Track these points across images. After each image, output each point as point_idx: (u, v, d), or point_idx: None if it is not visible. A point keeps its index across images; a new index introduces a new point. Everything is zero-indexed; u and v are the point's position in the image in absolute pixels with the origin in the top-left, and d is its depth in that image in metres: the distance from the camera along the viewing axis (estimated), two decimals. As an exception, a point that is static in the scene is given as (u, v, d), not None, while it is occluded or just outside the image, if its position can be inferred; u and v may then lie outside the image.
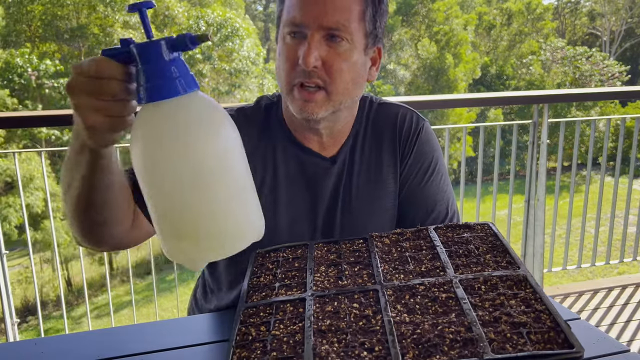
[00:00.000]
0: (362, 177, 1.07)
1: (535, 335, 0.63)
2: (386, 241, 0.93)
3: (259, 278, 0.88)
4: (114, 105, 0.64)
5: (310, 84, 0.93)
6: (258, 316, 0.76)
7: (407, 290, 0.76)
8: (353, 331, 0.69)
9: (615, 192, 3.13)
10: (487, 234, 0.90)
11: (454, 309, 0.70)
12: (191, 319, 1.06)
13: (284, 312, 0.76)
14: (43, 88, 14.13)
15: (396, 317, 0.70)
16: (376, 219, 1.09)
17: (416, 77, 21.01)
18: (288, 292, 0.81)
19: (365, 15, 0.95)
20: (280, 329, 0.72)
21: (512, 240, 3.54)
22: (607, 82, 19.88)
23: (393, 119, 1.10)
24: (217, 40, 16.15)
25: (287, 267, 0.89)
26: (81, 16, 15.65)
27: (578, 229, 3.34)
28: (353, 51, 0.95)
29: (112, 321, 2.88)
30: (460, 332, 0.65)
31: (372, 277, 0.82)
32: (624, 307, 2.74)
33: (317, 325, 0.71)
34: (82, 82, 0.63)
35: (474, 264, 0.81)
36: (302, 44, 0.92)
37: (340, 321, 0.71)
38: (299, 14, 0.91)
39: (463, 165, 3.03)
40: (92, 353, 0.88)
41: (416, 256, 0.86)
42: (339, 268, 0.86)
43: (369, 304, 0.75)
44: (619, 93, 4.31)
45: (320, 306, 0.76)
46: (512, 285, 0.74)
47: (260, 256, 0.95)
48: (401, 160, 1.09)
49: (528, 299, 0.70)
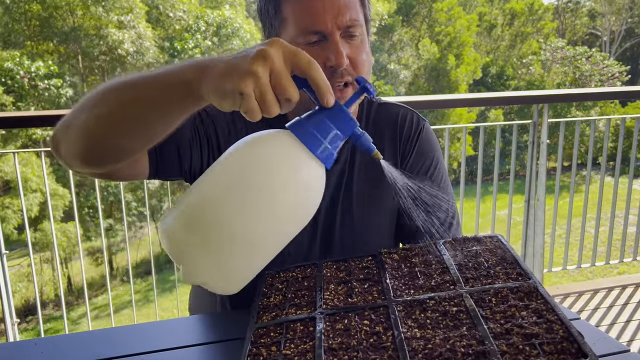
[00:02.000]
0: (362, 176, 1.07)
1: (548, 346, 0.62)
2: (395, 257, 0.93)
3: (268, 298, 0.88)
4: (274, 99, 0.60)
5: (340, 83, 0.94)
6: (269, 336, 0.76)
7: (418, 306, 0.76)
8: (364, 348, 0.69)
9: (615, 192, 3.13)
10: (497, 247, 0.90)
11: (465, 322, 0.70)
12: (191, 319, 1.06)
13: (294, 331, 0.76)
14: (37, 89, 14.11)
15: (407, 333, 0.70)
16: (377, 219, 1.09)
17: (417, 78, 21.00)
18: (298, 312, 0.81)
19: (364, 2, 0.97)
20: (291, 348, 0.72)
21: (512, 241, 3.53)
22: (607, 82, 19.87)
23: (394, 119, 1.10)
24: (217, 41, 16.14)
25: (296, 286, 0.90)
26: (76, 17, 15.63)
27: (578, 229, 3.34)
28: (365, 40, 0.97)
29: (112, 321, 2.88)
30: (472, 345, 0.64)
31: (382, 294, 0.82)
32: (624, 307, 2.74)
33: (327, 343, 0.71)
34: (279, 60, 0.59)
35: (484, 276, 0.81)
36: (325, 46, 0.92)
37: (350, 339, 0.71)
38: (316, 20, 0.91)
39: (463, 165, 3.03)
40: (92, 353, 0.88)
41: (426, 271, 0.86)
42: (349, 285, 0.86)
43: (380, 321, 0.75)
44: (619, 93, 4.31)
45: (331, 324, 0.76)
46: (523, 296, 0.74)
47: (270, 277, 0.95)
48: (402, 160, 1.09)
49: (540, 310, 0.70)
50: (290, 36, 0.94)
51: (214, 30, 16.20)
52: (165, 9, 17.03)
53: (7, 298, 2.31)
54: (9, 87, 13.77)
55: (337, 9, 0.91)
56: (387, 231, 1.12)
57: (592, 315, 2.69)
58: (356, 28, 0.94)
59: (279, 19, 0.95)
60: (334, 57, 0.91)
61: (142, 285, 12.34)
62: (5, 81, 13.67)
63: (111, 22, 15.42)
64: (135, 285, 11.87)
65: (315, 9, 0.91)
